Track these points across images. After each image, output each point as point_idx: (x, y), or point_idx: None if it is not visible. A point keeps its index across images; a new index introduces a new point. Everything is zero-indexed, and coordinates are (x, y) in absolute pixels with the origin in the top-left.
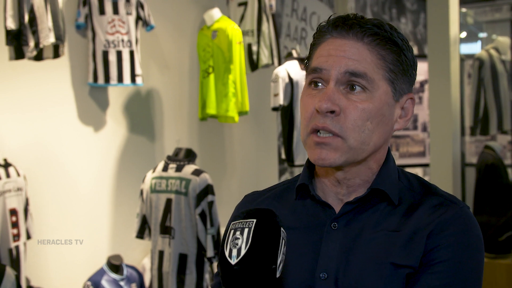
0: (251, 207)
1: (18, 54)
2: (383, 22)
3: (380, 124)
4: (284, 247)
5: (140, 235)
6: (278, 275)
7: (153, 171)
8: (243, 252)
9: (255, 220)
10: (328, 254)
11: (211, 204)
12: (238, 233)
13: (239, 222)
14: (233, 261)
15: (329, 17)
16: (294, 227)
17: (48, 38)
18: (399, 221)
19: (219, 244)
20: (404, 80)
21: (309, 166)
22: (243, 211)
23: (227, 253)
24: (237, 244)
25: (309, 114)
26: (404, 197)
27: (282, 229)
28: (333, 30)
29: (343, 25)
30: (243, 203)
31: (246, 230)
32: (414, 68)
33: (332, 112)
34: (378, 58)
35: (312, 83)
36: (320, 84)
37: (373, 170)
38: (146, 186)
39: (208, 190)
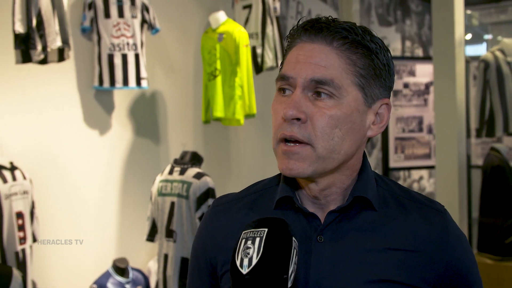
0: (225, 219)
1: (25, 57)
2: (355, 25)
3: (350, 131)
4: (296, 257)
5: (151, 238)
6: (289, 285)
7: (161, 174)
8: (254, 261)
9: (266, 230)
10: (318, 270)
11: None
12: (249, 242)
13: (250, 231)
14: (244, 270)
15: (299, 20)
16: None
17: (55, 42)
18: (389, 232)
19: None
20: (377, 85)
21: (290, 178)
22: (254, 220)
23: (238, 263)
24: (248, 254)
25: (278, 122)
26: (387, 203)
27: (293, 238)
28: (303, 34)
29: (311, 29)
30: (213, 216)
31: (257, 240)
32: (389, 72)
33: (298, 119)
34: (347, 63)
35: (281, 89)
36: (288, 90)
37: (350, 177)
38: (154, 189)
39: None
